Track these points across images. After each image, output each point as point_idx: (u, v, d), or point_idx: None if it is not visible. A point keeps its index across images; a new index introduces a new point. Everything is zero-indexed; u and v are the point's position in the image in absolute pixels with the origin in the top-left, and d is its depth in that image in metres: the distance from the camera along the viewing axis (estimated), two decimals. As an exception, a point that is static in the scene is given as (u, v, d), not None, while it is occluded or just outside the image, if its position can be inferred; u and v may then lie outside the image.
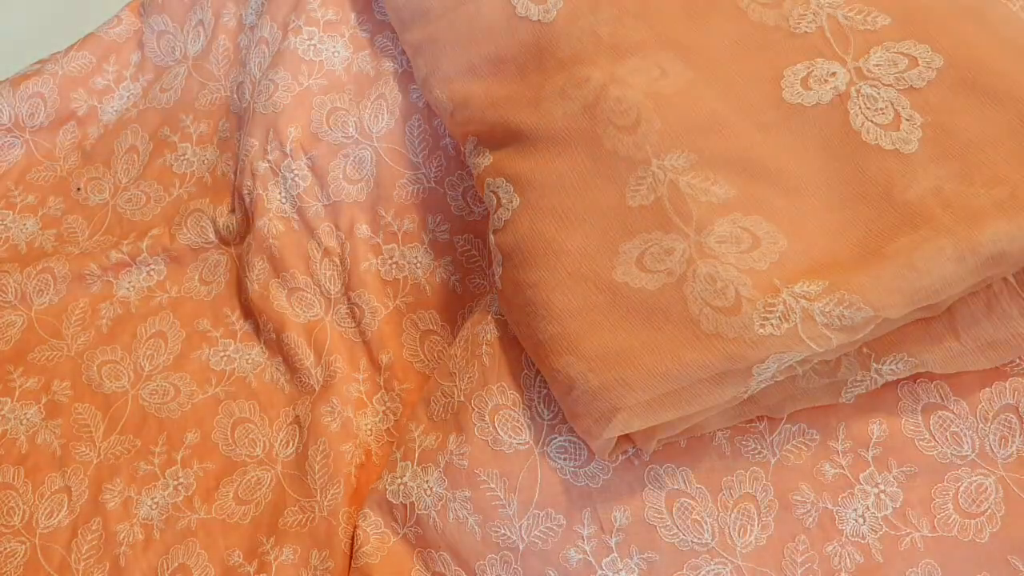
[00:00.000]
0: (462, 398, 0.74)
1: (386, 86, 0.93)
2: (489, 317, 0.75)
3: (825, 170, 0.69)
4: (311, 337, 0.89)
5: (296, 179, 0.94)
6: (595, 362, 0.65)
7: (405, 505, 0.74)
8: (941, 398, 0.68)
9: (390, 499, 0.76)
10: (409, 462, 0.75)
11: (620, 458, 0.69)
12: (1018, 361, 0.68)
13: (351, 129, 0.93)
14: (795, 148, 0.70)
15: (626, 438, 0.68)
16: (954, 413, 0.68)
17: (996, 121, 0.67)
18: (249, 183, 0.95)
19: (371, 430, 0.84)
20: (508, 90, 0.77)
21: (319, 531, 0.78)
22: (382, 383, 0.88)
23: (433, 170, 0.91)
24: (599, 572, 0.68)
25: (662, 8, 0.76)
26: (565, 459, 0.70)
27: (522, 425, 0.71)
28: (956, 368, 0.67)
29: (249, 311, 0.93)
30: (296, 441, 0.84)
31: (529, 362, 0.72)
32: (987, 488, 0.66)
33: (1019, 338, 0.66)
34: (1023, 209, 0.63)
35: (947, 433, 0.67)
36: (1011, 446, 0.66)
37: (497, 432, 0.72)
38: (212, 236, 0.98)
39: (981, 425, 0.67)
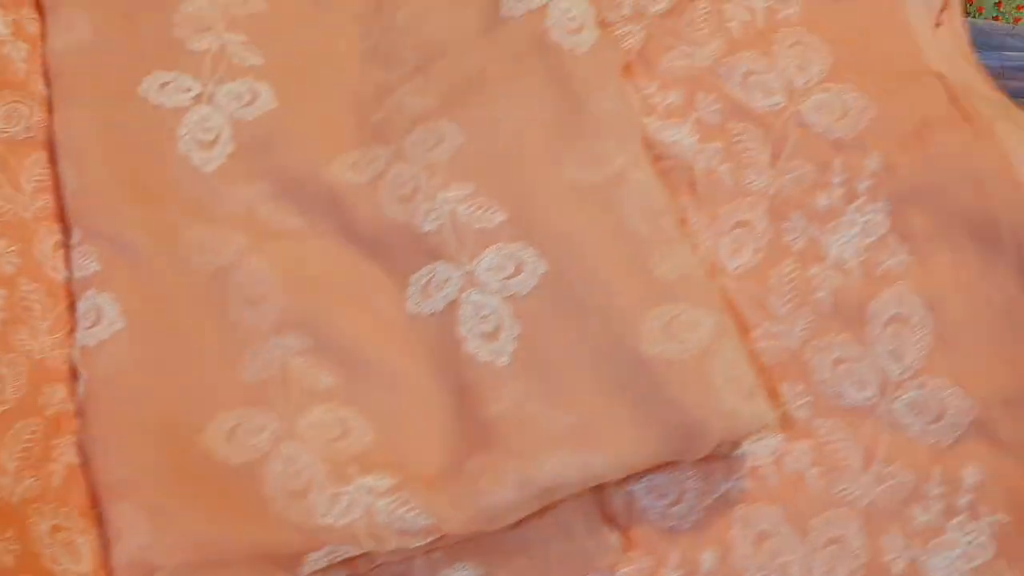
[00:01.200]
0: None
1: None
2: None
3: (432, 377, 0.68)
4: None
5: None
6: (151, 515, 0.62)
7: None
8: None
9: None
10: None
11: None
12: None
13: None
14: (409, 354, 0.68)
15: None
16: None
17: (582, 338, 0.63)
18: None
19: None
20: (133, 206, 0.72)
21: None
22: None
23: None
24: None
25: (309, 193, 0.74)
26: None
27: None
28: None
29: None
30: None
31: None
32: None
33: (587, 557, 0.64)
34: (587, 443, 0.61)
35: None
36: None
37: None
38: None
39: None
